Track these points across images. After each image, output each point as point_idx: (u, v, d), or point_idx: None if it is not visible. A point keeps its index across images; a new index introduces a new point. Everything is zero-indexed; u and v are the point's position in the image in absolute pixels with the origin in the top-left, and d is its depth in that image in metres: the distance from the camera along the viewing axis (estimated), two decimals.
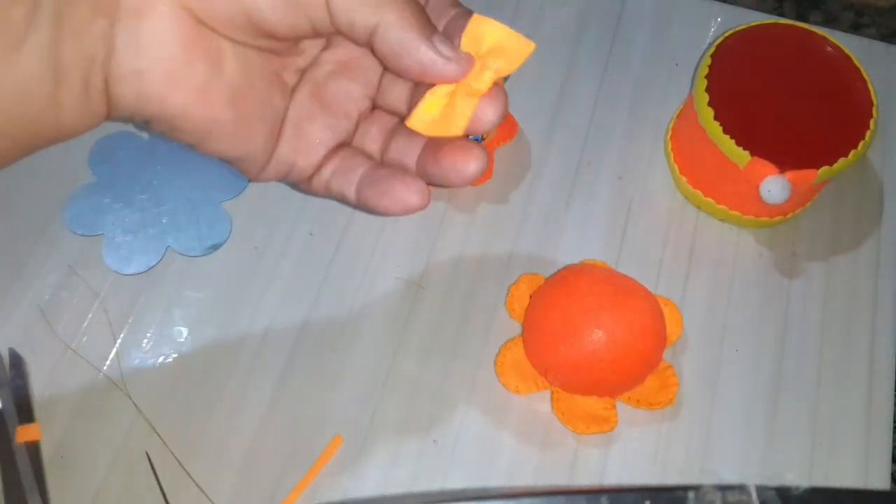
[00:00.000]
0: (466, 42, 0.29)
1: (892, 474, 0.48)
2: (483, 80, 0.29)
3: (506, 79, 0.49)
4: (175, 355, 0.47)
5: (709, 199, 0.51)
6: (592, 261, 0.50)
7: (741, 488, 0.42)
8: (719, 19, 0.60)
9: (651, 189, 0.53)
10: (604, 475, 0.45)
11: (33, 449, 0.43)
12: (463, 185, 0.30)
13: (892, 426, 0.47)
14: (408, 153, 0.32)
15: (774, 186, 0.46)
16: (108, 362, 0.46)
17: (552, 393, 0.46)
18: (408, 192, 0.31)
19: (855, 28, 1.34)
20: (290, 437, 0.45)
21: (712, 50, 0.49)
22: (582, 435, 0.45)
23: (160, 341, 0.47)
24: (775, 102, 0.48)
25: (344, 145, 0.33)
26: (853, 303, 0.50)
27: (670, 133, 0.54)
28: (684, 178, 0.52)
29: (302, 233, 0.51)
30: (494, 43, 0.29)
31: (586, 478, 0.45)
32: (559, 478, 0.45)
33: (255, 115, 0.30)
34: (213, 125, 0.28)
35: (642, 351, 0.44)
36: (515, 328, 0.48)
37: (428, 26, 0.28)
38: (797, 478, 0.45)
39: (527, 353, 0.47)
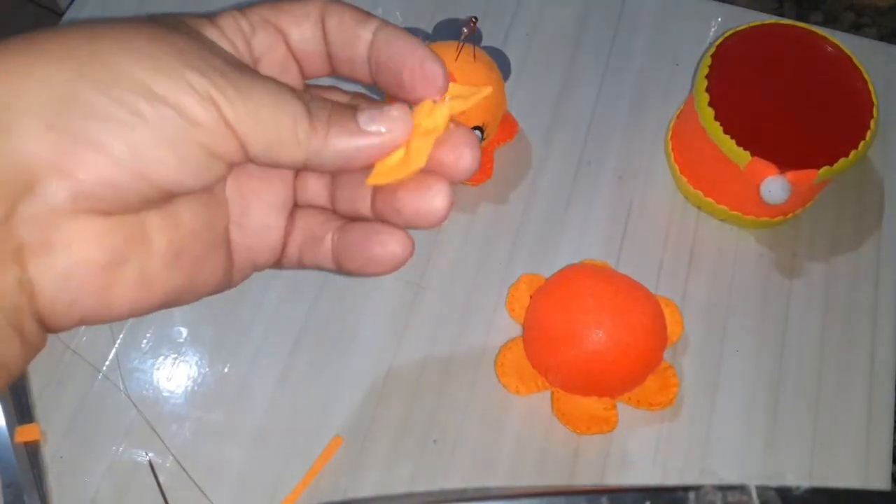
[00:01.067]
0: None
1: (893, 474, 0.48)
2: (436, 116, 0.26)
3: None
4: (174, 356, 0.47)
5: (709, 200, 0.51)
6: (593, 261, 0.50)
7: (741, 488, 0.42)
8: (719, 19, 0.60)
9: (651, 189, 0.53)
10: (604, 475, 0.45)
11: (33, 449, 0.43)
12: (432, 225, 0.27)
13: (892, 426, 0.47)
14: (358, 200, 0.29)
15: (775, 186, 0.45)
16: (107, 362, 0.46)
17: (552, 393, 0.46)
18: (389, 249, 0.28)
19: (855, 28, 1.34)
20: (289, 438, 0.45)
21: (713, 50, 0.49)
22: (582, 435, 0.45)
23: (159, 342, 0.47)
24: (776, 102, 0.48)
25: (294, 210, 0.30)
26: (854, 303, 0.50)
27: (671, 133, 0.54)
28: (685, 179, 0.52)
29: None
30: (437, 119, 0.26)
31: (586, 478, 0.45)
32: (559, 478, 0.45)
33: (204, 256, 0.27)
34: (167, 296, 0.26)
35: (643, 351, 0.44)
36: (516, 328, 0.48)
37: (345, 121, 0.25)
38: (797, 478, 0.45)
39: (527, 354, 0.46)
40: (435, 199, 0.26)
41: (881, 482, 0.46)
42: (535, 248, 0.51)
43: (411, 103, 0.27)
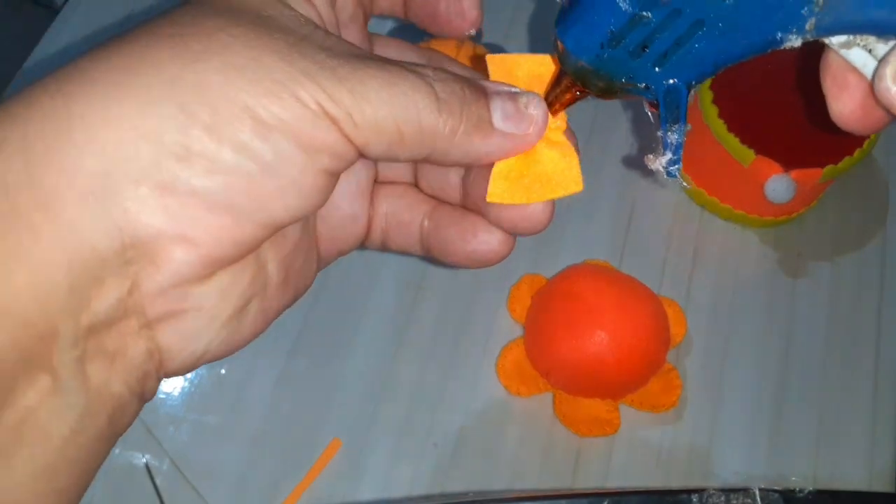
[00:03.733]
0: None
1: None
2: (556, 120, 0.24)
3: None
4: None
5: (713, 199, 0.51)
6: (595, 261, 0.50)
7: (745, 491, 0.42)
8: None
9: (654, 188, 0.53)
10: (607, 478, 0.44)
11: None
12: (533, 231, 0.25)
13: None
14: (447, 184, 0.27)
15: (779, 185, 0.45)
16: None
17: (554, 395, 0.46)
18: (492, 247, 0.26)
19: None
20: (288, 440, 0.45)
21: None
22: (584, 437, 0.45)
23: None
24: (780, 100, 0.48)
25: (376, 188, 0.27)
26: (858, 303, 0.50)
27: None
28: (688, 177, 0.52)
29: None
30: (528, 74, 0.24)
31: (589, 481, 0.44)
32: (561, 481, 0.44)
33: (304, 263, 0.25)
34: (279, 314, 0.25)
35: (645, 353, 0.44)
36: (517, 329, 0.48)
37: (478, 114, 0.22)
38: (802, 481, 0.45)
39: (528, 355, 0.46)
40: (534, 206, 0.25)
41: (885, 485, 0.45)
42: (537, 248, 0.51)
43: (447, 35, 0.26)
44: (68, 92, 0.19)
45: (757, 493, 0.42)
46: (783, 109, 0.47)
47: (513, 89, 0.24)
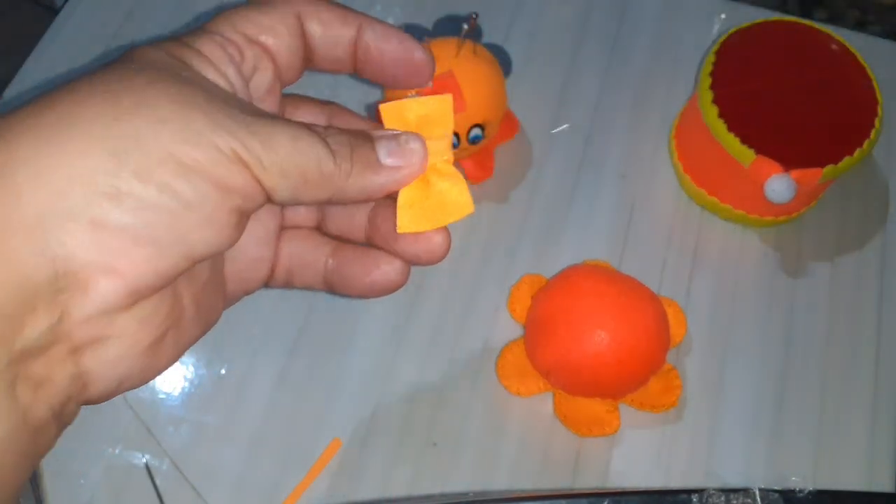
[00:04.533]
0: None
1: None
2: (441, 151, 0.27)
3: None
4: None
5: (713, 198, 0.51)
6: (595, 261, 0.50)
7: (745, 491, 0.42)
8: (723, 16, 0.59)
9: (654, 188, 0.53)
10: (606, 478, 0.44)
11: None
12: (433, 261, 0.28)
13: None
14: (352, 226, 0.30)
15: (779, 185, 0.45)
16: None
17: (554, 395, 0.46)
18: (391, 277, 0.29)
19: (860, 25, 1.33)
20: (287, 440, 0.44)
21: (716, 47, 0.49)
22: (584, 437, 0.45)
23: None
24: (780, 100, 0.48)
25: (282, 233, 0.30)
26: (859, 303, 0.50)
27: (674, 131, 0.54)
28: (688, 177, 0.51)
29: None
30: (417, 116, 0.27)
31: (588, 481, 0.44)
32: (561, 481, 0.44)
33: (213, 298, 0.28)
34: (190, 346, 0.27)
35: (645, 352, 0.44)
36: (517, 329, 0.48)
37: (366, 155, 0.26)
38: (802, 481, 0.45)
39: (528, 355, 0.46)
40: (433, 238, 0.28)
41: (886, 485, 0.45)
42: (537, 247, 0.51)
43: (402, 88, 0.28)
44: (12, 139, 0.21)
45: (757, 493, 0.42)
46: (783, 109, 0.47)
47: (394, 132, 0.27)
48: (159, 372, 0.25)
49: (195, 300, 0.26)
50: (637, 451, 0.45)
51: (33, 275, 0.20)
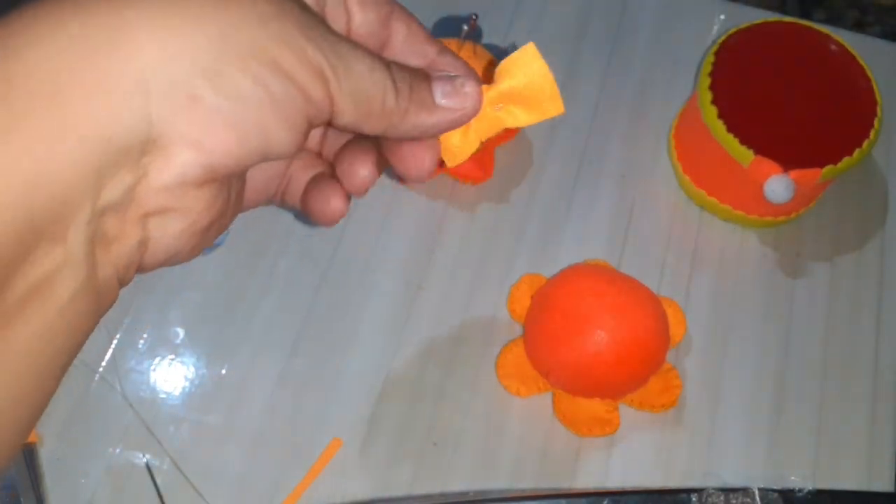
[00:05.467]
0: (505, 66, 0.28)
1: None
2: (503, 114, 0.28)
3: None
4: (172, 357, 0.46)
5: (712, 199, 0.51)
6: (595, 261, 0.50)
7: (745, 491, 0.42)
8: (722, 17, 0.59)
9: (654, 188, 0.53)
10: (606, 478, 0.44)
11: (29, 451, 0.43)
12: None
13: None
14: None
15: (778, 185, 0.45)
16: (104, 363, 0.46)
17: (554, 395, 0.46)
18: (331, 206, 0.30)
19: (859, 26, 1.33)
20: (288, 440, 0.45)
21: (715, 48, 0.49)
22: (584, 437, 0.45)
23: (157, 342, 0.47)
24: (779, 101, 0.48)
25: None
26: (857, 303, 0.50)
27: (673, 132, 0.54)
28: (688, 178, 0.52)
29: (300, 232, 0.50)
30: (526, 84, 0.28)
31: (588, 481, 0.44)
32: (561, 481, 0.44)
33: (239, 205, 0.28)
34: (211, 242, 0.27)
35: (645, 352, 0.44)
36: (516, 329, 0.48)
37: (423, 94, 0.27)
38: (801, 480, 0.45)
39: (528, 355, 0.46)
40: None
41: (884, 484, 0.45)
42: (537, 247, 0.51)
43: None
44: (132, 2, 0.21)
45: (756, 492, 0.42)
46: (783, 109, 0.47)
47: (451, 73, 0.28)
48: (194, 257, 0.26)
49: (234, 200, 0.27)
50: (637, 450, 0.45)
51: (126, 133, 0.21)
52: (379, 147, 0.30)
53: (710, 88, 0.47)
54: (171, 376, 0.46)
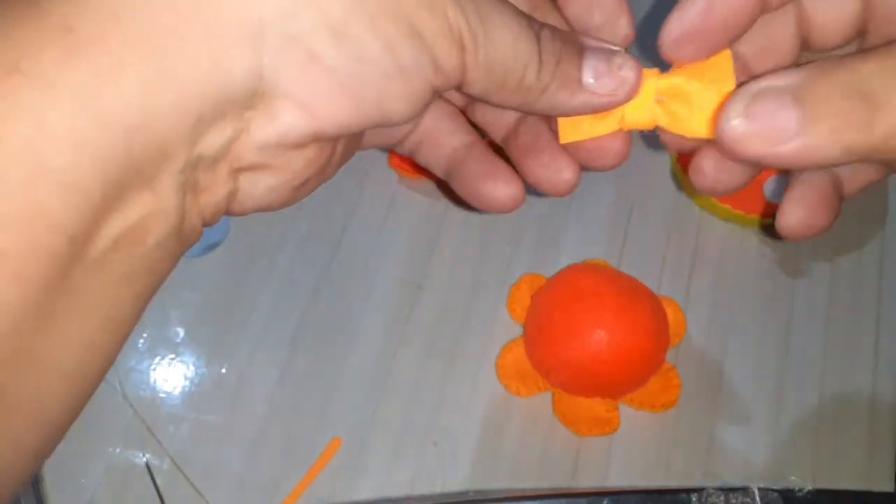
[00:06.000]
0: (692, 63, 0.24)
1: None
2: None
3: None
4: (171, 356, 0.46)
5: (712, 199, 0.51)
6: (594, 261, 0.50)
7: (744, 490, 0.42)
8: None
9: (654, 188, 0.53)
10: (606, 477, 0.45)
11: None
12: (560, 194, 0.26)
13: None
14: (496, 125, 0.27)
15: (779, 185, 0.45)
16: None
17: (553, 394, 0.46)
18: (498, 188, 0.27)
19: None
20: (288, 439, 0.45)
21: None
22: (583, 437, 0.45)
23: (156, 342, 0.47)
24: None
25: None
26: (858, 303, 0.50)
27: None
28: (687, 178, 0.52)
29: (300, 231, 0.50)
30: (701, 90, 0.24)
31: (588, 480, 0.44)
32: (561, 480, 0.44)
33: (351, 152, 0.27)
34: (312, 190, 0.26)
35: (645, 352, 0.44)
36: (516, 329, 0.48)
37: (570, 70, 0.23)
38: (801, 480, 0.45)
39: (528, 355, 0.46)
40: (563, 171, 0.26)
41: (885, 484, 0.45)
42: (536, 247, 0.51)
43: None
44: None
45: (756, 492, 0.42)
46: None
47: (612, 47, 0.24)
48: (288, 206, 0.25)
49: (343, 152, 0.25)
50: (636, 450, 0.45)
51: (235, 84, 0.19)
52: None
53: None
54: (171, 376, 0.46)
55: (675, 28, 0.25)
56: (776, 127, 0.22)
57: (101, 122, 0.18)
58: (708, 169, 0.25)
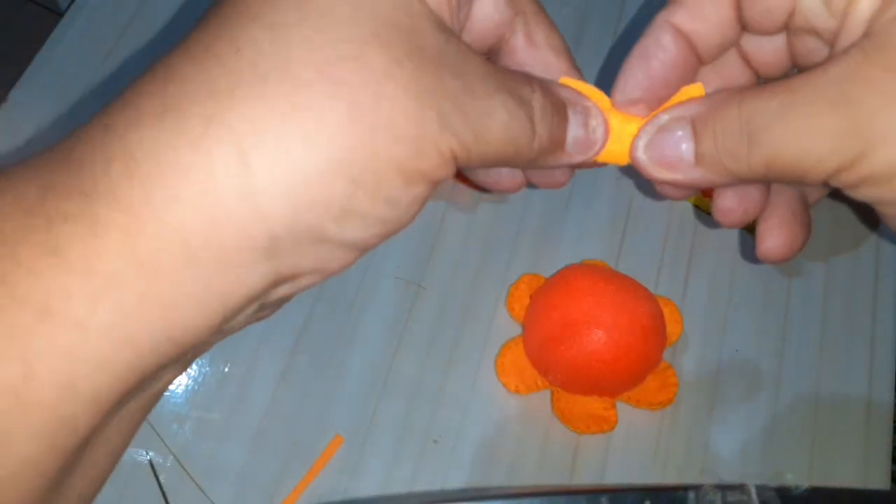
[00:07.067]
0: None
1: (892, 474, 0.48)
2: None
3: None
4: None
5: (708, 199, 0.51)
6: (593, 261, 0.50)
7: (741, 488, 0.42)
8: None
9: (651, 189, 0.53)
10: (604, 475, 0.45)
11: None
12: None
13: (891, 426, 0.47)
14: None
15: None
16: None
17: (552, 393, 0.46)
18: (555, 172, 0.28)
19: None
20: (290, 437, 0.45)
21: None
22: (582, 435, 0.45)
23: None
24: None
25: None
26: (853, 302, 0.50)
27: None
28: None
29: None
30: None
31: (586, 477, 0.45)
32: (559, 477, 0.45)
33: None
34: None
35: (642, 351, 0.44)
36: (515, 328, 0.48)
37: (558, 140, 0.24)
38: (797, 477, 0.45)
39: (527, 353, 0.46)
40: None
41: (880, 482, 0.46)
42: (535, 247, 0.51)
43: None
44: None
45: (753, 489, 0.42)
46: None
47: (586, 103, 0.26)
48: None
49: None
50: (634, 447, 0.46)
51: (253, 290, 0.21)
52: None
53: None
54: None
55: (620, 95, 0.27)
56: (674, 157, 0.25)
57: (133, 350, 0.19)
58: (732, 203, 0.26)
